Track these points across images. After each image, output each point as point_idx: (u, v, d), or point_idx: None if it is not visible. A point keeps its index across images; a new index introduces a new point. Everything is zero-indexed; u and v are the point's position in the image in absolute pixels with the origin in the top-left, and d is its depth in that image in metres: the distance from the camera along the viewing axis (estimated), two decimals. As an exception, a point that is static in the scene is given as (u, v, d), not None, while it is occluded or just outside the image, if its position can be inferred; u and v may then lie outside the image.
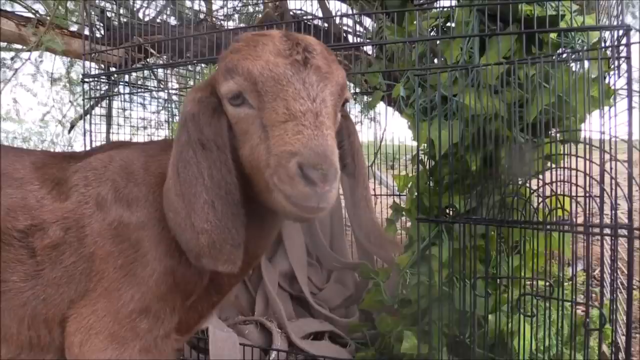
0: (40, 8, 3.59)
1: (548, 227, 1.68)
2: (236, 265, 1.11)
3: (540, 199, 1.82)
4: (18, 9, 3.50)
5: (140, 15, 3.88)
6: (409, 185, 2.48)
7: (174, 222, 1.15)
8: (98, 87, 2.75)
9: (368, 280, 2.52)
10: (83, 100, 2.45)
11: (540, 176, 1.87)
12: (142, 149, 1.37)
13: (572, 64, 1.90)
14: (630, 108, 1.65)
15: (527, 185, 1.88)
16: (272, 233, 1.37)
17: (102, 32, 3.37)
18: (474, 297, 1.82)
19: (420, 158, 2.24)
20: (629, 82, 1.59)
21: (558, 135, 1.98)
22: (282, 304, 2.40)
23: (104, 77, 2.44)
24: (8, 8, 3.48)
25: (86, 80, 2.43)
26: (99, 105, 3.36)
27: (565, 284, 2.18)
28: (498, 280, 1.99)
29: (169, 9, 4.11)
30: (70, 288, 1.22)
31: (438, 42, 2.08)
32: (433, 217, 1.98)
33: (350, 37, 3.55)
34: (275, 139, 1.02)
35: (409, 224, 2.53)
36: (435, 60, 2.22)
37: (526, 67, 1.82)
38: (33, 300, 1.22)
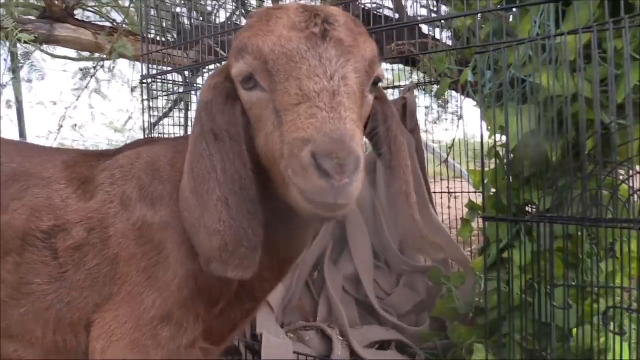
0: (117, 16, 3.72)
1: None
2: (249, 271, 0.99)
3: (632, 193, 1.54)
4: (93, 17, 3.64)
5: (213, 18, 3.90)
6: (485, 181, 2.24)
7: (188, 223, 1.06)
8: (164, 89, 2.77)
9: (440, 285, 2.32)
10: (142, 101, 2.47)
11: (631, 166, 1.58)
12: (172, 144, 1.30)
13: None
14: None
15: (615, 176, 1.59)
16: (306, 232, 1.23)
17: (174, 35, 3.43)
18: (553, 308, 1.57)
19: (497, 150, 2.00)
20: None
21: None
22: (345, 310, 2.26)
23: (160, 77, 2.44)
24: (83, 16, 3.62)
25: (144, 81, 2.44)
26: (177, 107, 3.42)
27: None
28: (587, 288, 1.71)
29: (239, 11, 4.11)
30: (94, 291, 1.17)
31: (507, 16, 1.82)
32: (503, 216, 1.74)
33: (424, 27, 3.34)
34: (288, 125, 0.89)
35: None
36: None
37: (612, 37, 1.53)
38: (58, 303, 1.18)
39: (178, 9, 3.50)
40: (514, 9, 1.84)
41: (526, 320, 1.73)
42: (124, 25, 3.57)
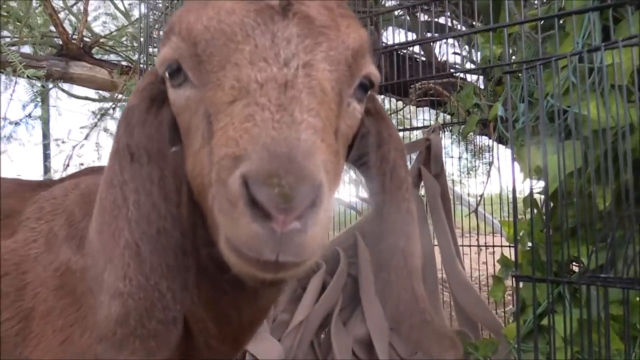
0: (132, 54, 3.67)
1: None
2: (157, 355, 0.71)
3: None
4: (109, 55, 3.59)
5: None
6: (520, 234, 1.93)
7: (90, 275, 0.77)
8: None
9: (468, 355, 1.98)
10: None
11: None
12: None
13: None
14: None
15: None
16: (269, 292, 0.94)
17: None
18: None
19: (532, 196, 1.71)
20: None
21: None
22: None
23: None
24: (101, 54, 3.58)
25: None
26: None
27: None
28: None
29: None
30: (5, 353, 0.94)
31: (542, 38, 1.56)
32: (539, 276, 1.43)
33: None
34: (218, 135, 0.63)
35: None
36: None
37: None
38: None
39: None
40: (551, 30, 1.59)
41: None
42: (141, 65, 3.48)
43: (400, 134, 2.85)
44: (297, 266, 0.58)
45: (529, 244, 1.74)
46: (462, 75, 2.73)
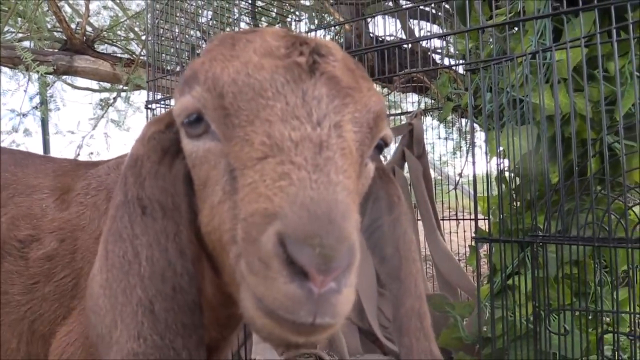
0: (135, 48, 3.84)
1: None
2: None
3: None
4: (111, 48, 3.76)
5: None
6: (492, 208, 2.18)
7: (95, 332, 0.74)
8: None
9: (447, 314, 2.24)
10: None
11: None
12: None
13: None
14: None
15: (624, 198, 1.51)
16: None
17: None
18: (554, 335, 1.49)
19: (502, 173, 1.96)
20: None
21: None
22: (348, 338, 2.19)
23: (164, 103, 2.48)
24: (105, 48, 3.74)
25: (149, 106, 2.49)
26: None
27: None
28: (593, 315, 1.62)
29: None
30: (62, 305, 1.14)
31: (507, 37, 1.80)
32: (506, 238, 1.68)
33: (436, 57, 3.35)
34: (246, 190, 0.61)
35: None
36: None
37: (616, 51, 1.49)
38: (30, 315, 1.16)
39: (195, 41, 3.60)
40: (514, 29, 1.83)
41: (528, 350, 1.65)
42: (142, 57, 3.67)
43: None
44: (332, 328, 0.56)
45: (500, 215, 1.98)
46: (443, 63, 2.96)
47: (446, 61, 2.94)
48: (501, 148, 1.77)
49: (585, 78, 1.47)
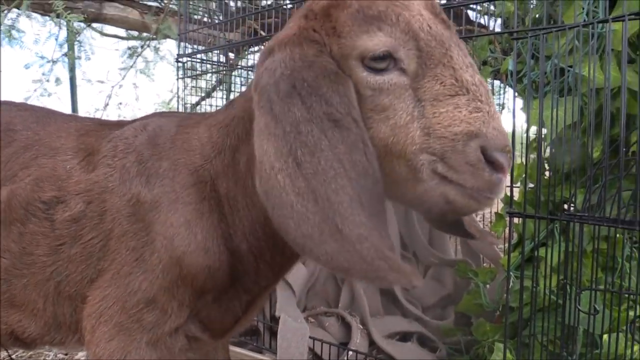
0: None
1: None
2: (416, 276, 0.82)
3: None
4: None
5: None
6: (522, 176, 2.15)
7: (299, 233, 0.83)
8: (203, 69, 2.79)
9: (468, 280, 2.25)
10: (177, 79, 2.48)
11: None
12: (180, 119, 1.24)
13: None
14: None
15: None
16: None
17: (221, 17, 3.45)
18: (579, 312, 1.48)
19: (538, 144, 1.91)
20: None
21: None
22: (369, 299, 2.22)
23: (197, 57, 2.45)
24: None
25: (180, 60, 2.46)
26: (219, 88, 3.44)
27: None
28: (622, 294, 1.61)
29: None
30: (89, 266, 1.15)
31: (554, 2, 1.72)
32: (533, 214, 1.65)
33: (472, 14, 3.23)
34: (441, 117, 0.83)
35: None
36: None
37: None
38: (56, 276, 1.17)
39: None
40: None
41: (552, 323, 1.66)
42: (170, 6, 3.61)
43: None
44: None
45: (531, 185, 1.95)
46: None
47: (484, 21, 2.83)
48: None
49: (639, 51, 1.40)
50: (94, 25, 3.71)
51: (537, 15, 1.89)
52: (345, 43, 0.88)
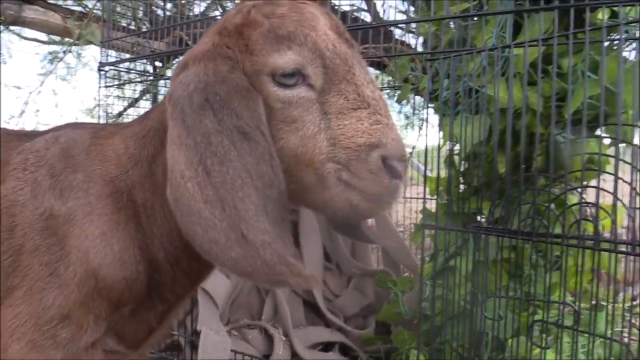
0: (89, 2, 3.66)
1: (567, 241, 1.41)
2: (317, 280, 0.92)
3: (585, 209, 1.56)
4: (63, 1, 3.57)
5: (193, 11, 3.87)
6: (440, 189, 2.25)
7: (205, 239, 0.87)
8: (129, 78, 2.72)
9: (389, 289, 2.32)
10: (98, 88, 2.41)
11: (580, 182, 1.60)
12: (94, 130, 1.22)
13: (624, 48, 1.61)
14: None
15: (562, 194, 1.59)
16: None
17: (147, 25, 3.39)
18: (486, 318, 1.57)
19: (452, 159, 2.02)
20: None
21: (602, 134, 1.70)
22: (292, 310, 2.24)
23: (119, 65, 2.39)
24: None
25: (103, 68, 2.39)
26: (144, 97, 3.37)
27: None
28: (522, 300, 1.72)
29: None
30: (2, 282, 1.10)
31: (467, 26, 1.83)
32: (449, 226, 1.74)
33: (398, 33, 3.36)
34: (345, 128, 0.91)
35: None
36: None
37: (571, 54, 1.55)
38: None
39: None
40: (474, 19, 1.86)
41: (463, 329, 1.74)
42: (95, 11, 3.51)
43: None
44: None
45: (446, 198, 2.05)
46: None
47: (408, 37, 2.95)
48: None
49: (539, 74, 1.52)
50: (12, 28, 3.54)
51: (452, 37, 2.00)
52: (258, 60, 0.94)
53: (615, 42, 1.59)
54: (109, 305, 1.09)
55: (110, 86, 2.49)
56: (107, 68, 2.40)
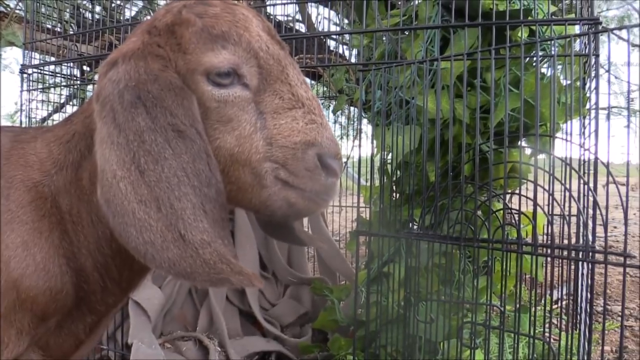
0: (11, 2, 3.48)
1: (494, 245, 1.48)
2: (258, 277, 0.88)
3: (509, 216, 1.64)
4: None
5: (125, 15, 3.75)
6: (373, 198, 2.30)
7: (140, 240, 0.84)
8: (55, 82, 2.61)
9: (325, 297, 2.34)
10: (20, 92, 2.29)
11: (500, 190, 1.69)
12: (14, 134, 1.15)
13: (543, 64, 1.73)
14: (597, 114, 1.47)
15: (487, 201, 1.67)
16: None
17: (75, 29, 3.26)
18: (419, 321, 1.63)
19: (385, 168, 2.07)
20: (597, 79, 1.41)
21: (525, 144, 1.81)
22: (228, 320, 2.21)
23: (43, 68, 2.28)
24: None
25: (25, 71, 2.28)
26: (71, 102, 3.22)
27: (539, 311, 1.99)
28: (451, 303, 1.79)
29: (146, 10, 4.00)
30: None
31: (398, 39, 1.90)
32: (381, 232, 1.79)
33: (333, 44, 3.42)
34: (281, 128, 0.92)
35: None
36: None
37: (493, 69, 1.64)
38: None
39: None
40: (405, 33, 1.93)
41: (396, 333, 1.78)
42: (17, 11, 3.33)
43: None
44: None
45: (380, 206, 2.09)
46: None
47: (341, 49, 3.01)
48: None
49: (465, 87, 1.60)
50: None
51: (383, 50, 2.07)
52: (191, 59, 0.93)
53: (534, 58, 1.70)
54: (32, 318, 1.03)
55: (34, 90, 2.37)
56: (30, 71, 2.29)
